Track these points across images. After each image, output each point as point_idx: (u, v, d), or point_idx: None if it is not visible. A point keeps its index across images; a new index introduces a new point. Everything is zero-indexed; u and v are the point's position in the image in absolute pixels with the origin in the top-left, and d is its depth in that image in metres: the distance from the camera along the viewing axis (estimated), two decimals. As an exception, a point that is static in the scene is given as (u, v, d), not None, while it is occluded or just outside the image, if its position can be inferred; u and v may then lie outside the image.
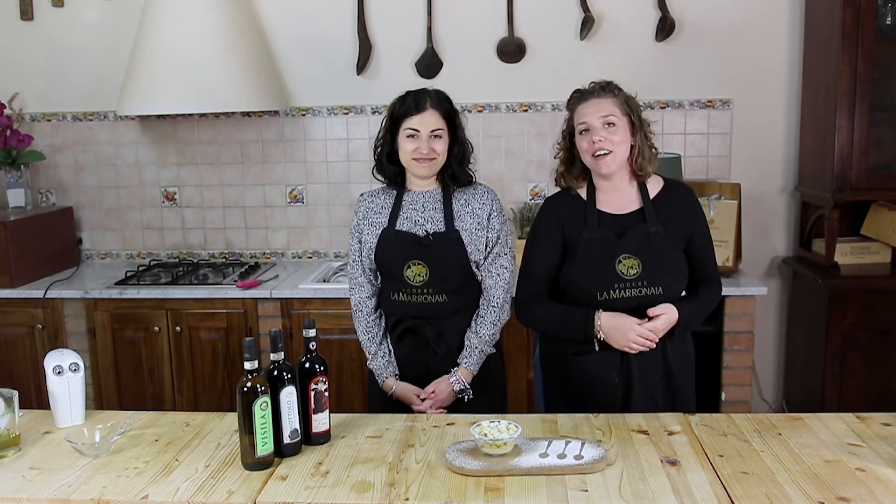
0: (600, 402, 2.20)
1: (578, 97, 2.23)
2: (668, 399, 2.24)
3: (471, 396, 2.35)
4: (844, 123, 3.28)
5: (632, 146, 2.20)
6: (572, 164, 2.28)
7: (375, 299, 2.41)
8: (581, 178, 2.28)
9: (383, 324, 2.41)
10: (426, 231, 2.32)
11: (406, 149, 2.29)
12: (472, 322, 2.37)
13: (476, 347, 2.34)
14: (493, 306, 2.36)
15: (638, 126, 2.20)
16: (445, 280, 2.30)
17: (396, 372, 2.38)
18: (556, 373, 2.33)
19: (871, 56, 3.22)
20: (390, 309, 2.39)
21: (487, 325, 2.35)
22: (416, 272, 2.29)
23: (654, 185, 2.28)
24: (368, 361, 2.40)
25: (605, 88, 2.20)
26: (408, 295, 2.31)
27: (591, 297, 2.19)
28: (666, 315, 2.15)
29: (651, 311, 2.15)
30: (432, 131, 2.28)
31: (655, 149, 2.25)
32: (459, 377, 2.33)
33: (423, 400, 2.33)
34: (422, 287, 2.29)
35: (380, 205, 2.39)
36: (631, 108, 2.20)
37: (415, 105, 2.28)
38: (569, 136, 2.27)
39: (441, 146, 2.30)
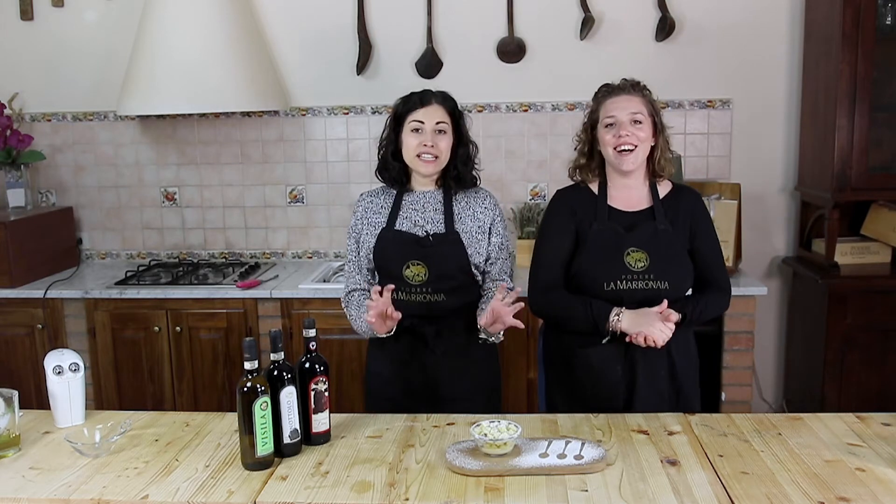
0: (602, 397, 2.20)
1: (607, 91, 2.25)
2: (672, 397, 2.24)
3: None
4: (844, 123, 3.27)
5: (654, 146, 2.23)
6: (591, 157, 2.29)
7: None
8: (595, 172, 2.30)
9: None
10: (426, 231, 2.31)
11: (411, 144, 2.27)
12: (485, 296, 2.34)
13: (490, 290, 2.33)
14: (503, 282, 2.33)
15: (661, 127, 2.24)
16: (444, 280, 2.29)
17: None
18: (560, 367, 2.33)
19: (871, 56, 3.22)
20: None
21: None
22: (415, 272, 2.28)
23: (663, 188, 2.31)
24: (361, 326, 2.30)
25: (636, 87, 2.24)
26: (406, 294, 2.29)
27: (598, 287, 2.19)
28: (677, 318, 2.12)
29: (666, 313, 2.10)
30: (437, 123, 2.27)
31: (671, 152, 2.29)
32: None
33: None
34: (420, 286, 2.28)
35: (379, 205, 2.38)
36: (655, 110, 2.24)
37: (420, 99, 2.29)
38: (590, 128, 2.28)
39: (445, 143, 2.28)
